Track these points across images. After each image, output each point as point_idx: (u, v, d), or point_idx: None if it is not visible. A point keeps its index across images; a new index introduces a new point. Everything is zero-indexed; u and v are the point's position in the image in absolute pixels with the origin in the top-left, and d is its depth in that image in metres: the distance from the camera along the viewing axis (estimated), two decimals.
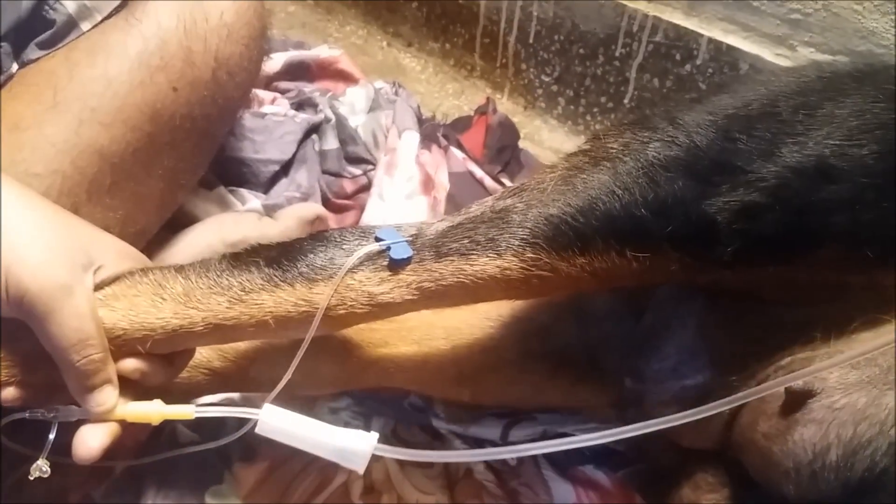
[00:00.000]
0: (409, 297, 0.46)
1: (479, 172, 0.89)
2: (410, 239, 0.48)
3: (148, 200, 0.62)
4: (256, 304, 0.46)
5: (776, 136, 0.45)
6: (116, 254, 0.48)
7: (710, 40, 0.87)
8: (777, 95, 0.48)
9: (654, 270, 0.47)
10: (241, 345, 0.58)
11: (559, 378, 0.62)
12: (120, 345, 0.45)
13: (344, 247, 0.48)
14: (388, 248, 0.47)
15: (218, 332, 0.46)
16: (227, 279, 0.47)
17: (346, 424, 0.65)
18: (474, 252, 0.46)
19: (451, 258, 0.46)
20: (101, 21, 0.60)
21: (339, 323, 0.47)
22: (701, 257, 0.46)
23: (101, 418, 0.44)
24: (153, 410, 0.45)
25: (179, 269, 0.48)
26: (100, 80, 0.57)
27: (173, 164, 0.62)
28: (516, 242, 0.46)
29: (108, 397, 0.44)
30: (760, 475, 0.48)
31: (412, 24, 1.21)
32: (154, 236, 0.66)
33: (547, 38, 1.03)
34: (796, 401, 0.45)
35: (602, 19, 0.95)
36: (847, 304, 0.49)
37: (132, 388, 0.46)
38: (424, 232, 0.48)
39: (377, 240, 0.47)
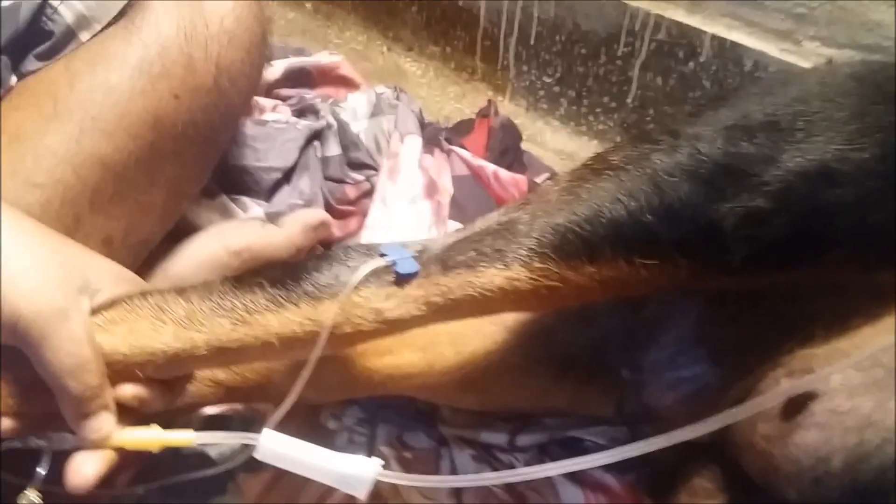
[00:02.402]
0: (417, 313, 0.46)
1: (490, 167, 0.88)
2: (416, 254, 0.47)
3: (151, 210, 0.61)
4: (261, 326, 0.46)
5: (777, 143, 0.45)
6: (113, 277, 0.47)
7: (714, 37, 0.86)
8: (776, 105, 0.48)
9: (663, 278, 0.46)
10: None
11: (565, 381, 0.61)
12: (119, 370, 0.44)
13: (349, 264, 0.47)
14: (394, 264, 0.46)
15: (221, 355, 0.46)
16: (230, 300, 0.46)
17: (351, 432, 0.64)
18: (482, 264, 0.46)
19: (458, 271, 0.46)
20: (101, 30, 0.59)
21: (346, 341, 0.47)
22: (710, 263, 0.46)
23: (97, 446, 0.43)
24: (152, 437, 0.45)
25: (180, 291, 0.47)
26: (100, 88, 0.56)
27: (176, 173, 0.62)
28: (524, 252, 0.46)
29: (104, 424, 0.43)
30: (760, 478, 0.47)
31: (412, 28, 1.21)
32: (157, 246, 0.65)
33: (548, 38, 1.03)
34: (797, 403, 0.45)
35: (603, 18, 0.95)
36: (845, 299, 0.49)
37: (130, 414, 0.45)
38: (430, 247, 0.48)
39: (382, 255, 0.47)
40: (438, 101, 1.16)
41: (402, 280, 0.46)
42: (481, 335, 0.60)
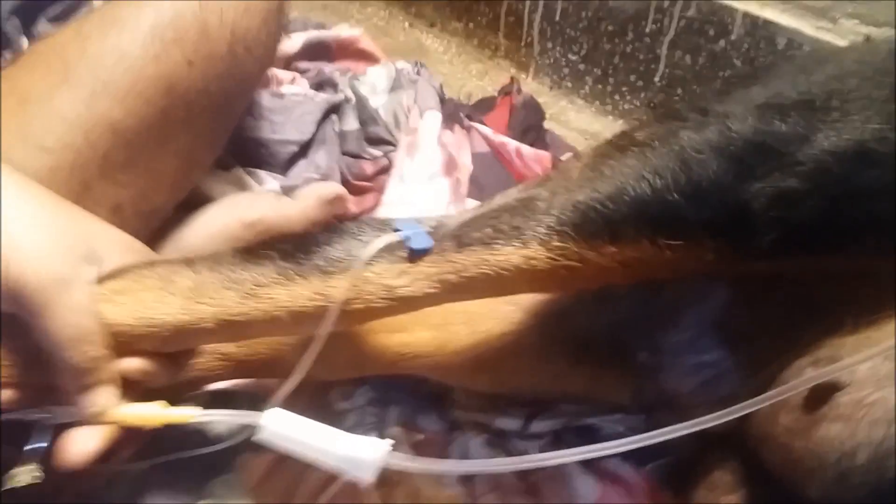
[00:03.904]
0: (430, 290, 0.45)
1: (512, 144, 0.86)
2: (430, 230, 0.46)
3: (162, 178, 0.60)
4: (270, 299, 0.44)
5: (811, 122, 0.43)
6: (120, 246, 0.46)
7: (746, 14, 0.83)
8: (811, 83, 0.45)
9: (689, 260, 0.44)
10: None
11: (581, 365, 0.59)
12: (123, 342, 0.43)
13: (361, 238, 0.46)
14: (408, 239, 0.44)
15: (229, 328, 0.45)
16: (239, 273, 0.45)
17: (361, 412, 0.63)
18: (498, 241, 0.44)
19: (473, 248, 0.44)
20: None
21: (357, 318, 0.45)
22: (738, 246, 0.44)
23: (96, 421, 0.42)
24: (153, 414, 0.43)
25: (188, 262, 0.46)
26: (112, 53, 0.55)
27: (189, 141, 0.60)
28: (542, 230, 0.44)
29: (105, 398, 0.42)
30: (781, 472, 0.45)
31: (435, 3, 1.19)
32: (169, 217, 0.64)
33: (574, 14, 1.00)
34: (822, 394, 0.43)
35: None
36: (877, 286, 0.46)
37: (133, 388, 0.44)
38: (445, 223, 0.47)
39: (395, 230, 0.45)
40: (460, 79, 1.14)
41: (415, 256, 0.44)
42: (496, 315, 0.59)
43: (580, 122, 1.05)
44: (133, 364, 0.44)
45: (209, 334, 0.45)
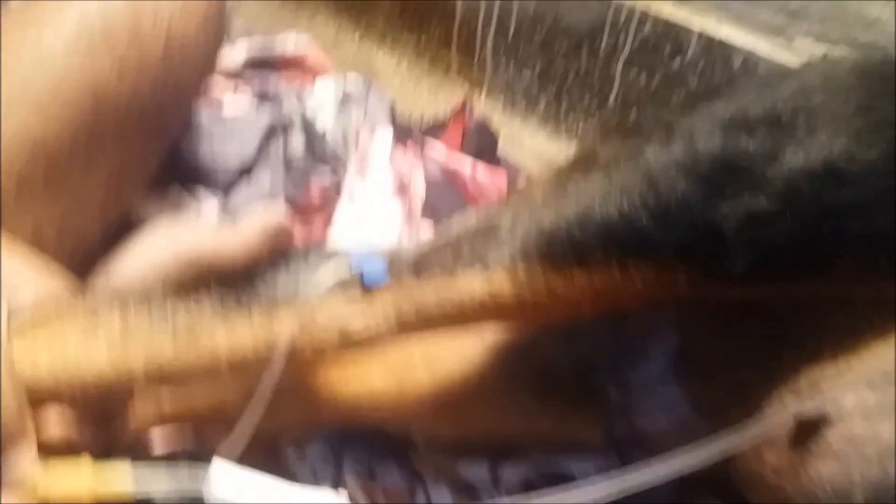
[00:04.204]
0: (387, 326, 0.42)
1: (467, 161, 0.84)
2: (386, 260, 0.43)
3: (89, 197, 0.56)
4: (208, 342, 0.41)
5: (778, 139, 0.42)
6: (39, 274, 0.43)
7: (702, 33, 0.83)
8: (775, 99, 0.45)
9: (661, 287, 0.43)
10: None
11: (549, 403, 0.57)
12: (39, 391, 0.38)
13: (309, 271, 0.43)
14: (361, 270, 0.42)
15: (163, 377, 0.41)
16: (171, 313, 0.42)
17: (315, 465, 0.59)
18: (459, 270, 0.42)
19: (433, 278, 0.42)
20: None
21: (306, 359, 0.43)
22: (710, 270, 0.42)
23: (11, 488, 0.36)
24: (81, 486, 0.37)
25: (115, 300, 0.42)
26: (31, 56, 0.51)
27: (119, 156, 0.57)
28: (506, 257, 0.42)
29: (20, 460, 0.36)
30: None
31: (386, 17, 1.16)
32: (98, 242, 0.59)
33: (527, 32, 0.98)
34: (808, 429, 0.41)
35: (586, 12, 0.91)
36: (854, 312, 0.45)
37: (53, 447, 0.39)
38: (401, 252, 0.44)
39: (347, 261, 0.43)
40: (411, 95, 1.11)
41: (369, 288, 0.42)
42: (457, 354, 0.56)
43: (534, 143, 1.03)
44: (53, 417, 0.39)
45: (140, 384, 0.41)
